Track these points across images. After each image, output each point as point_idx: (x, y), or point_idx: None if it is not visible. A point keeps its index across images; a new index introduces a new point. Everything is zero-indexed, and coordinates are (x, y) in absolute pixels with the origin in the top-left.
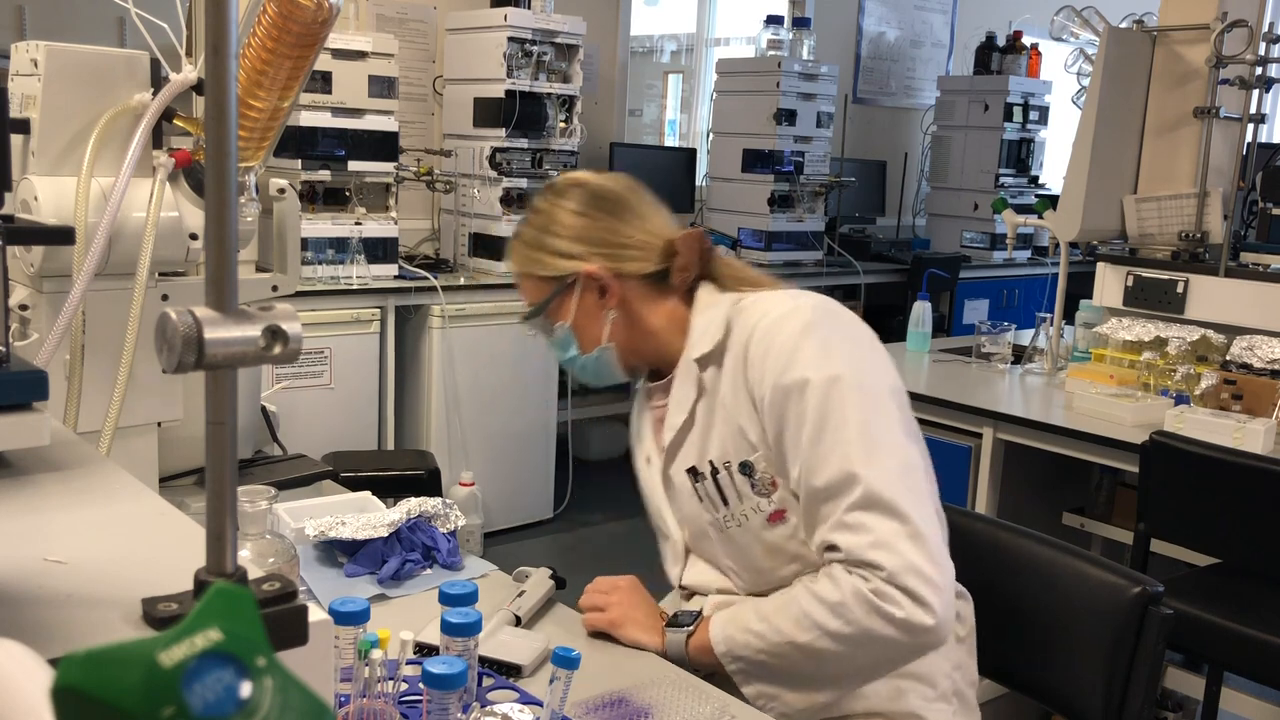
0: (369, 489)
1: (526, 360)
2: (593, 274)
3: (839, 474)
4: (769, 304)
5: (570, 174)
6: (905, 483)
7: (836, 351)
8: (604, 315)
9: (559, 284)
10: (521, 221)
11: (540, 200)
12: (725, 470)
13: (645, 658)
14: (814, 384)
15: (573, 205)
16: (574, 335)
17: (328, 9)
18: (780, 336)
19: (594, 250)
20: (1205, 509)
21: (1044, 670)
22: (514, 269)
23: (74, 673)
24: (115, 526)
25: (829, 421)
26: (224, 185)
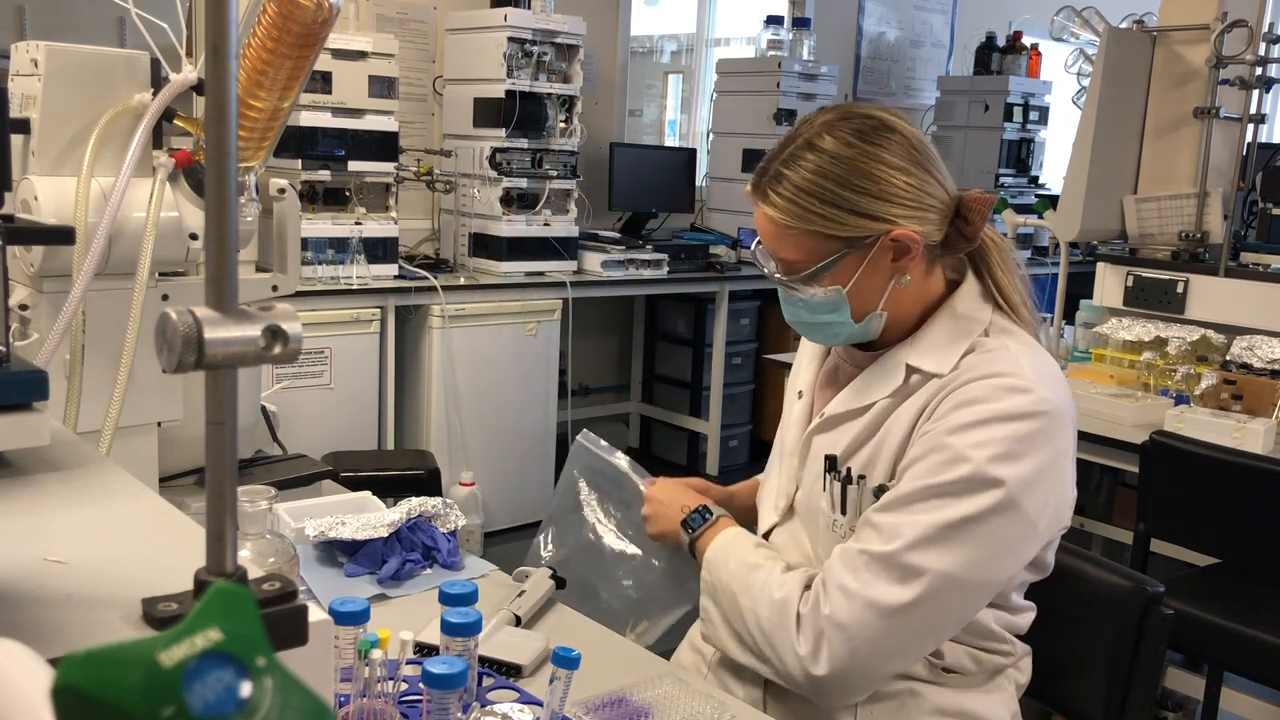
0: (369, 489)
1: (526, 360)
2: (903, 237)
3: (898, 524)
4: (1008, 366)
5: (867, 111)
6: (939, 585)
7: (1020, 458)
8: (891, 281)
9: (850, 245)
10: (792, 159)
11: (837, 142)
12: (859, 484)
13: (646, 657)
14: (969, 466)
15: (891, 157)
16: (847, 300)
17: (328, 9)
18: (987, 405)
19: (908, 210)
20: (1205, 509)
21: (1044, 670)
22: (784, 220)
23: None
24: (115, 526)
25: (943, 498)
26: (224, 185)
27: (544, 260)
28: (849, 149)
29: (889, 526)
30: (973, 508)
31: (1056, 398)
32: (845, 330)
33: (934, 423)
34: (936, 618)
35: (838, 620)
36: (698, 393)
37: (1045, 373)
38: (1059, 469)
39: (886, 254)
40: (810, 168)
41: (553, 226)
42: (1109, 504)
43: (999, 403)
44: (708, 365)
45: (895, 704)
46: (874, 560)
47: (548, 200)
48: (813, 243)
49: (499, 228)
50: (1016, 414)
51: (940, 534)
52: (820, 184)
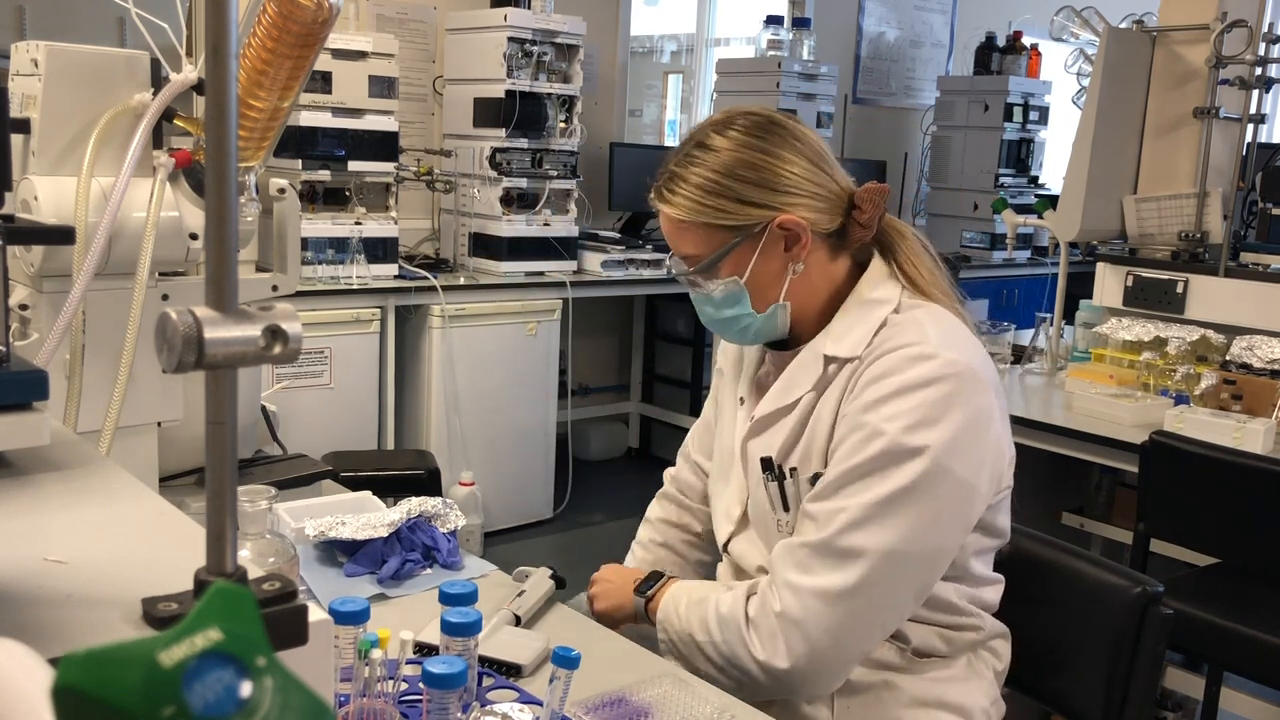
0: (369, 489)
1: (526, 360)
2: (790, 223)
3: (830, 510)
4: (912, 335)
5: (752, 109)
6: (882, 563)
7: (936, 423)
8: (787, 270)
9: (742, 233)
10: (685, 160)
11: (724, 139)
12: (792, 478)
13: (646, 657)
14: (885, 439)
15: (778, 149)
16: (746, 291)
17: (328, 9)
18: (896, 376)
19: (795, 199)
20: (1205, 509)
21: (1044, 670)
22: (679, 215)
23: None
24: (115, 526)
25: (869, 476)
26: (224, 185)
27: (544, 260)
28: (736, 143)
29: (822, 514)
30: (899, 480)
31: (964, 358)
32: (752, 324)
33: (850, 403)
34: (888, 594)
35: (790, 615)
36: (698, 393)
37: (951, 337)
38: (981, 426)
39: (778, 242)
40: (700, 164)
41: (553, 226)
42: (1109, 504)
43: (906, 372)
44: (708, 365)
45: (871, 696)
46: (813, 550)
47: (548, 200)
48: (706, 235)
49: (499, 228)
50: (925, 380)
51: (872, 512)
52: (709, 177)
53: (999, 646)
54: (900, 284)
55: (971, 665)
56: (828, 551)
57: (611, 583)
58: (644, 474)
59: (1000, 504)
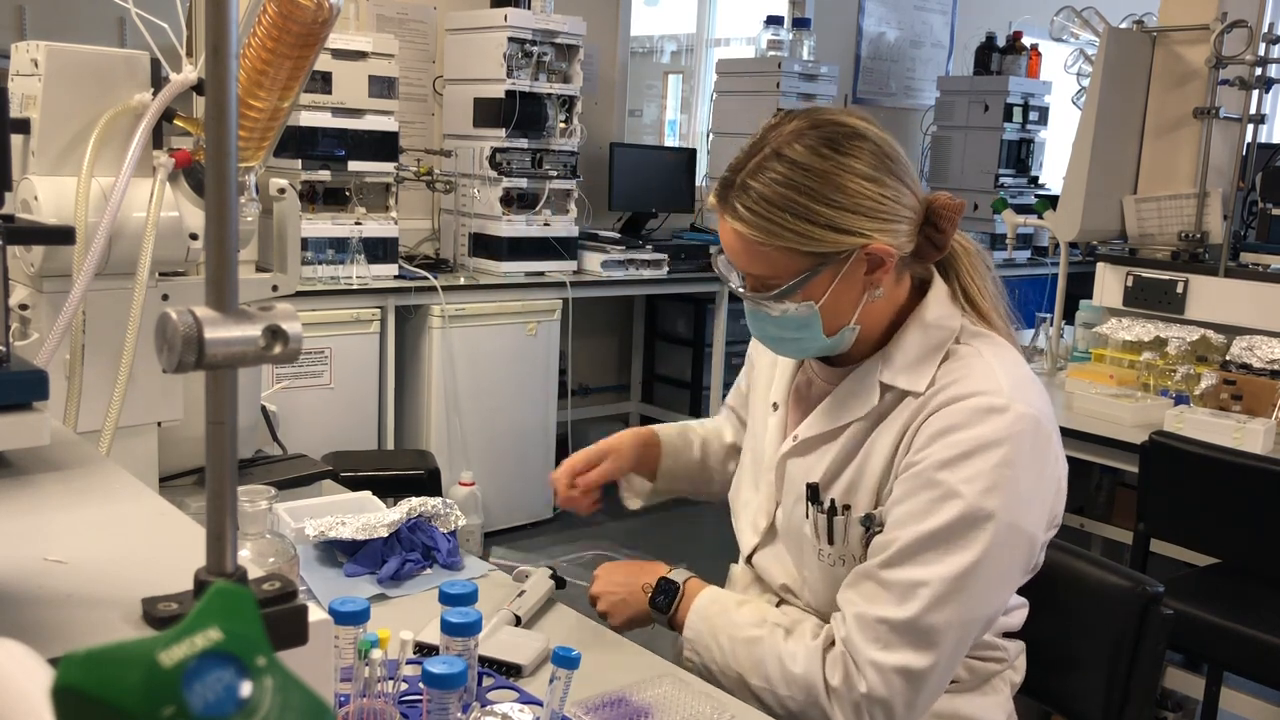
0: (369, 489)
1: (526, 360)
2: (879, 251)
3: (910, 584)
4: (981, 382)
5: (836, 118)
6: (958, 633)
7: (1011, 484)
8: (864, 295)
9: (824, 260)
10: (760, 171)
11: (806, 151)
12: (845, 514)
13: (646, 657)
14: (962, 503)
15: (863, 167)
16: (820, 316)
17: (328, 9)
18: (968, 432)
19: (883, 224)
20: (1205, 509)
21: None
22: (754, 236)
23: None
24: (115, 526)
25: (945, 545)
26: (224, 185)
27: (544, 260)
28: (820, 159)
29: (900, 587)
30: (978, 549)
31: (1034, 409)
32: (816, 345)
33: (916, 454)
34: (960, 656)
35: (876, 696)
36: (698, 393)
37: (1020, 383)
38: (1048, 477)
39: (860, 268)
40: (779, 180)
41: (553, 226)
42: (1109, 504)
43: (979, 427)
44: (708, 365)
45: None
46: (895, 629)
47: (548, 200)
48: (784, 259)
49: (499, 228)
50: (999, 438)
51: (953, 587)
52: (791, 197)
53: (1017, 662)
54: (961, 307)
55: (990, 681)
56: (912, 631)
57: (617, 594)
58: None
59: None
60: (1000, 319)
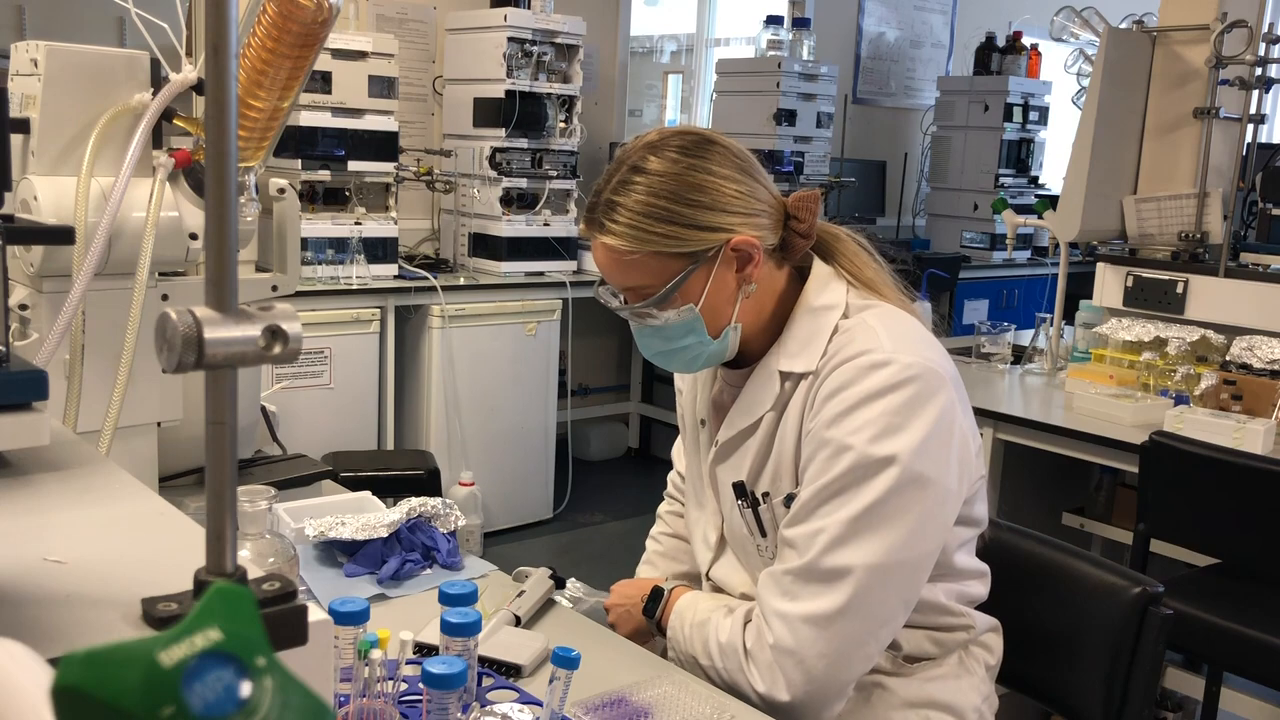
0: (369, 489)
1: (526, 360)
2: (743, 244)
3: (809, 533)
4: (865, 342)
5: (686, 128)
6: (868, 579)
7: (902, 430)
8: (740, 291)
9: (695, 260)
10: (623, 186)
11: (663, 161)
12: (766, 503)
13: (646, 657)
14: (852, 454)
15: (717, 168)
16: (701, 318)
17: (328, 9)
18: (854, 388)
19: (743, 218)
20: (1205, 509)
21: (1044, 670)
22: (625, 245)
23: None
24: (115, 526)
25: (842, 493)
26: (224, 185)
27: (544, 260)
28: (676, 165)
29: (801, 538)
30: (873, 493)
31: (920, 358)
32: (704, 350)
33: (812, 420)
34: (879, 609)
35: (783, 646)
36: None
37: (904, 338)
38: (946, 425)
39: (730, 264)
40: (641, 190)
41: (552, 226)
42: (1109, 504)
43: (864, 382)
44: None
45: (861, 699)
46: (796, 576)
47: (547, 200)
48: (656, 264)
49: (499, 228)
50: (884, 388)
51: (851, 529)
52: (654, 204)
53: (990, 641)
54: (846, 284)
55: (963, 663)
56: (812, 575)
57: (624, 605)
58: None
59: (976, 494)
60: (892, 291)
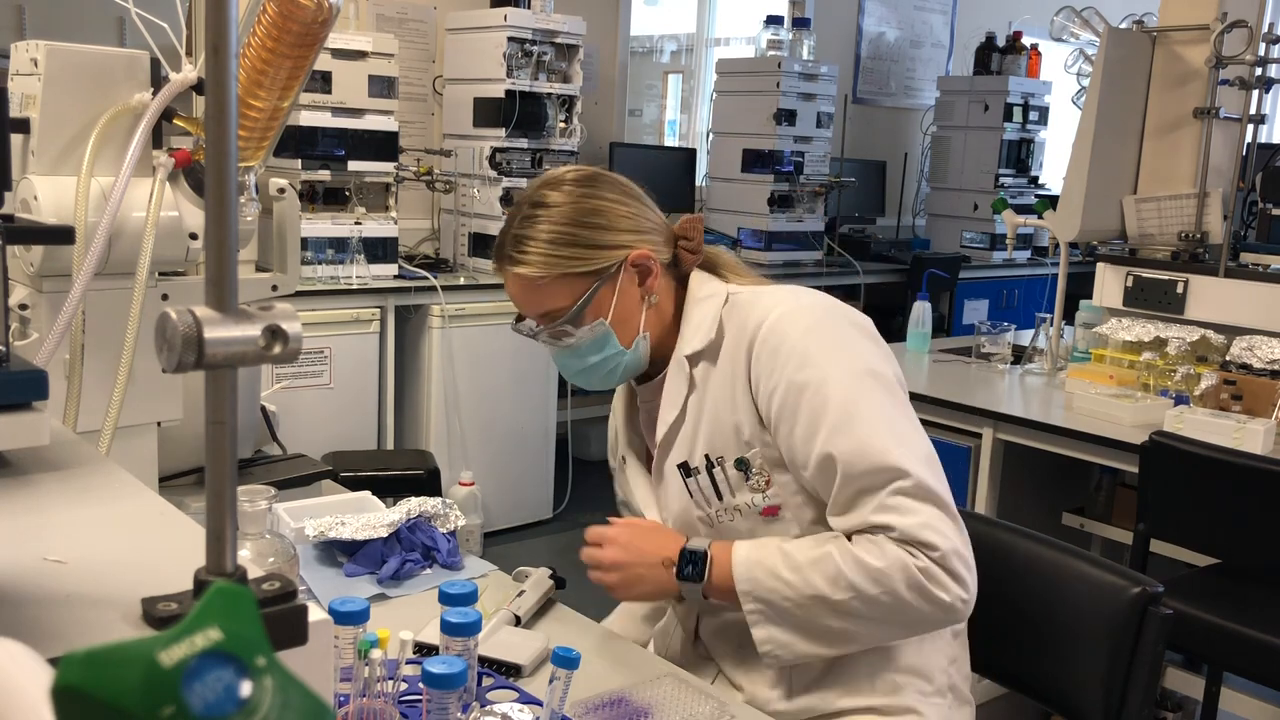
0: (369, 489)
1: (526, 360)
2: (640, 258)
3: (879, 463)
4: (770, 300)
5: (567, 170)
6: (933, 470)
7: (849, 348)
8: (644, 302)
9: (600, 277)
10: (526, 221)
11: (560, 193)
12: (719, 465)
13: (646, 657)
14: (833, 379)
15: (608, 193)
16: (612, 331)
17: (328, 9)
18: (792, 334)
19: (637, 236)
20: (1205, 509)
21: (1043, 670)
22: (536, 272)
23: (74, 672)
24: (115, 526)
25: (857, 413)
26: (224, 185)
27: None
28: (571, 195)
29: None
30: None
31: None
32: (620, 361)
33: (768, 385)
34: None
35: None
36: None
37: (792, 289)
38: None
39: (633, 279)
40: (544, 221)
41: None
42: (1109, 504)
43: (796, 324)
44: None
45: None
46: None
47: None
48: (566, 286)
49: (499, 228)
50: (813, 322)
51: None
52: (559, 229)
53: None
54: (723, 280)
55: None
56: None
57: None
58: None
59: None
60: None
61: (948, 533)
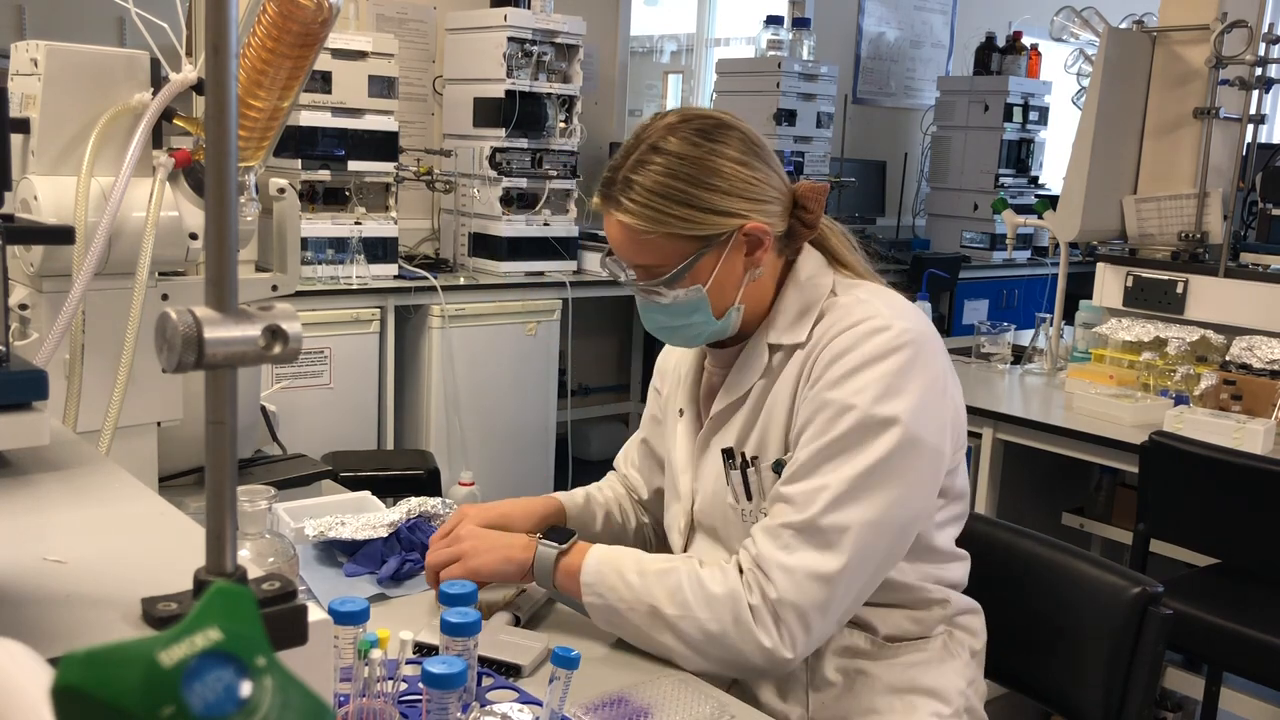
0: (369, 489)
1: (526, 360)
2: (755, 230)
3: (810, 490)
4: (862, 312)
5: (705, 111)
6: (866, 537)
7: (902, 392)
8: (746, 275)
9: (706, 243)
10: (640, 165)
11: (681, 142)
12: (755, 465)
13: (646, 657)
14: (856, 413)
15: (733, 152)
16: (708, 299)
17: (328, 9)
18: (855, 352)
19: (757, 204)
20: (1205, 509)
21: (1043, 670)
22: (640, 225)
23: (74, 672)
24: (115, 526)
25: (845, 453)
26: (224, 185)
27: (544, 260)
28: (694, 148)
29: (801, 495)
30: (876, 452)
31: (917, 326)
32: (707, 329)
33: (812, 385)
34: (869, 566)
35: (789, 600)
36: None
37: (899, 307)
38: (940, 390)
39: (740, 249)
40: (660, 170)
41: (552, 226)
42: (1109, 504)
43: (865, 346)
44: None
45: (845, 687)
46: (799, 532)
47: (547, 200)
48: (670, 245)
49: (499, 228)
50: (885, 351)
51: (853, 487)
52: (672, 185)
53: (971, 623)
54: (830, 266)
55: (946, 647)
56: (814, 531)
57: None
58: None
59: (958, 467)
60: (871, 276)
61: (805, 586)
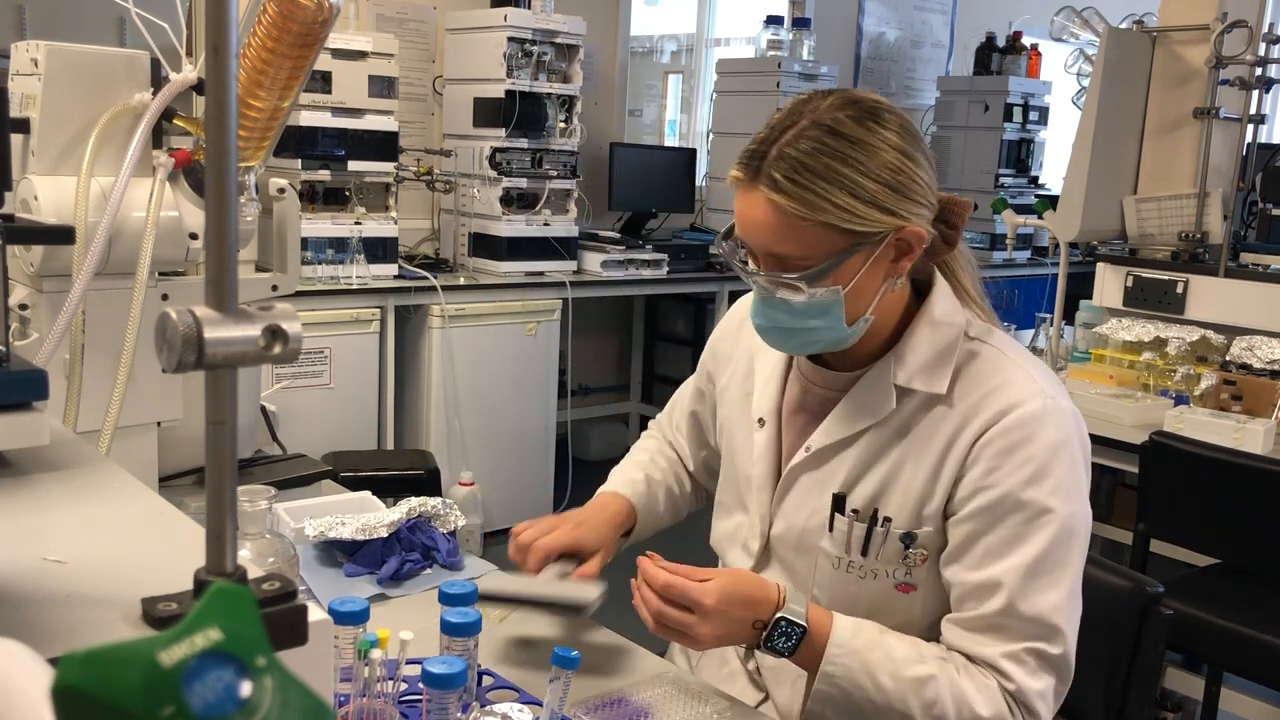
0: (369, 489)
1: (526, 360)
2: (912, 235)
3: (1042, 619)
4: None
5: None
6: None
7: (1081, 492)
8: (885, 284)
9: (861, 240)
10: (812, 147)
11: (864, 130)
12: (885, 526)
13: (646, 657)
14: (1056, 518)
15: (913, 149)
16: (844, 302)
17: (328, 9)
18: (1038, 444)
19: (920, 208)
20: (1205, 509)
21: None
22: (795, 209)
23: (74, 672)
24: (115, 526)
25: (1055, 567)
26: (224, 185)
27: (544, 260)
28: (869, 134)
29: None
30: (1077, 558)
31: (1065, 400)
32: (830, 336)
33: (987, 478)
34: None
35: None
36: None
37: (1045, 374)
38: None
39: (889, 253)
40: (823, 149)
41: (553, 226)
42: (1109, 504)
43: (1042, 435)
44: None
45: None
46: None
47: (548, 200)
48: (821, 236)
49: (499, 228)
50: (1061, 440)
51: (1071, 600)
52: (835, 168)
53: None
54: (962, 304)
55: None
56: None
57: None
58: None
59: None
60: (992, 317)
61: (1053, 706)
